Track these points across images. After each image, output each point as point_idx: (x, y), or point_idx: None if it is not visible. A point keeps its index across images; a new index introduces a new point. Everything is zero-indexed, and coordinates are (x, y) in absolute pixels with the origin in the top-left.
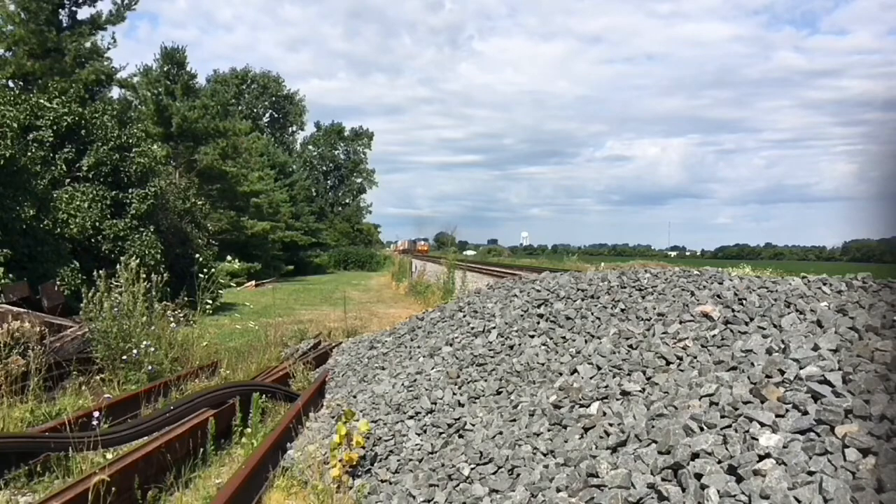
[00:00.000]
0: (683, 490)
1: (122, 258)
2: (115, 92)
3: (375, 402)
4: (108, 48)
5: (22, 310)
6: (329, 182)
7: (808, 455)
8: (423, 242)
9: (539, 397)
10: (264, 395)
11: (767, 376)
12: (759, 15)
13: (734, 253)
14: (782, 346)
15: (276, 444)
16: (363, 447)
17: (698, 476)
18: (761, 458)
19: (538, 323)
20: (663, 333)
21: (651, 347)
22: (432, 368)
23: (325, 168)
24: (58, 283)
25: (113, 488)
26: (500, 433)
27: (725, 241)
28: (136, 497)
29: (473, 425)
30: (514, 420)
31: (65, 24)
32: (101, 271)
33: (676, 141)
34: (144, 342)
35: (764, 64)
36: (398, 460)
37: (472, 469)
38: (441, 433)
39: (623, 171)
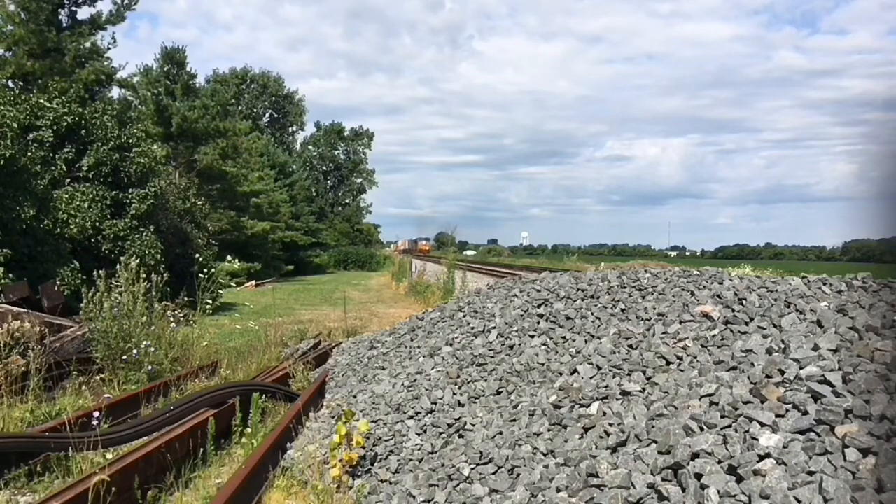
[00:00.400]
0: (683, 490)
1: (122, 258)
2: (115, 92)
3: (375, 402)
4: (108, 48)
5: (22, 310)
6: (329, 182)
7: (808, 455)
8: (424, 242)
9: (539, 397)
10: (264, 395)
11: (767, 376)
12: (760, 15)
13: (734, 253)
14: (782, 346)
15: (276, 444)
16: (363, 447)
17: (698, 476)
18: (761, 458)
19: (538, 323)
20: (663, 333)
21: (651, 347)
22: (432, 368)
23: (325, 168)
24: (58, 283)
25: (113, 488)
26: (500, 433)
27: (725, 241)
28: (136, 497)
29: (473, 425)
30: (514, 420)
31: (65, 24)
32: (101, 271)
33: (676, 141)
34: (144, 342)
35: (764, 64)
36: (398, 460)
37: (472, 469)
38: (441, 433)
39: (623, 171)
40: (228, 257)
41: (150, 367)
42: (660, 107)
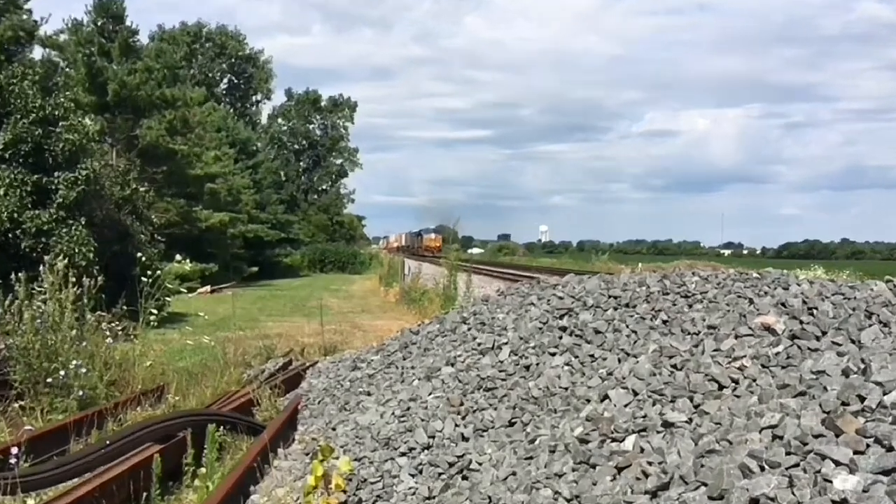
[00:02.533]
0: None
1: (46, 258)
2: (38, 52)
3: (359, 435)
4: None
5: None
6: (302, 164)
7: (894, 500)
8: (434, 236)
9: (561, 430)
10: (222, 427)
11: (843, 403)
12: None
13: (802, 251)
14: (862, 366)
15: (237, 486)
16: (344, 491)
17: None
18: None
19: (560, 338)
20: (715, 351)
21: (700, 368)
22: (429, 394)
23: (296, 146)
24: None
25: None
26: (514, 474)
27: (792, 236)
28: None
29: (480, 464)
30: (531, 458)
31: None
32: (20, 274)
33: (733, 112)
34: (74, 361)
35: (844, 15)
36: None
37: None
38: (440, 474)
39: (666, 150)
40: (178, 256)
41: (80, 393)
42: (712, 69)
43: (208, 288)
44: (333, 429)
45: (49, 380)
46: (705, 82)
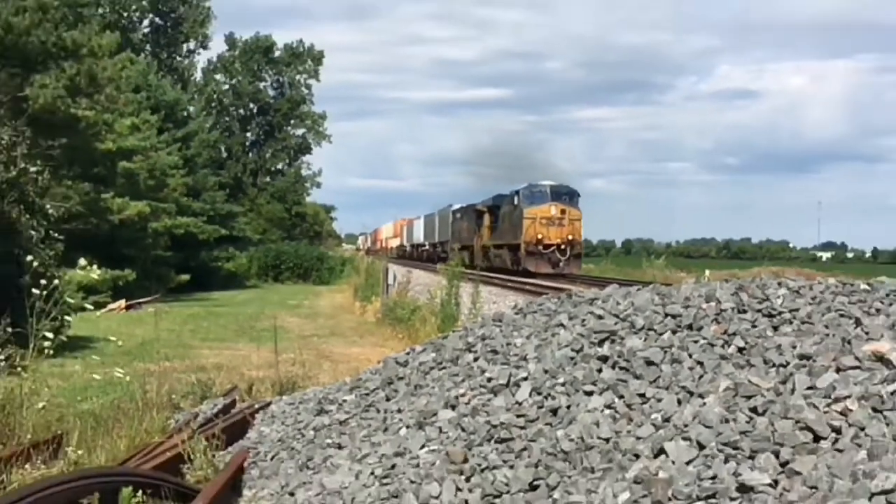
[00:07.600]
0: None
1: None
2: None
3: (327, 503)
4: None
5: None
6: (250, 135)
7: None
8: (553, 207)
9: (601, 495)
10: (141, 491)
11: None
12: None
13: None
14: None
15: None
16: None
17: None
18: None
19: (599, 371)
20: (809, 389)
21: (788, 413)
22: (422, 447)
23: (242, 112)
24: None
25: None
26: None
27: None
28: None
29: None
30: None
31: None
32: None
33: (838, 65)
34: None
35: None
36: None
37: None
38: None
39: (746, 117)
40: (82, 261)
41: None
42: (811, 6)
43: (122, 303)
44: (291, 494)
45: None
46: (801, 24)
